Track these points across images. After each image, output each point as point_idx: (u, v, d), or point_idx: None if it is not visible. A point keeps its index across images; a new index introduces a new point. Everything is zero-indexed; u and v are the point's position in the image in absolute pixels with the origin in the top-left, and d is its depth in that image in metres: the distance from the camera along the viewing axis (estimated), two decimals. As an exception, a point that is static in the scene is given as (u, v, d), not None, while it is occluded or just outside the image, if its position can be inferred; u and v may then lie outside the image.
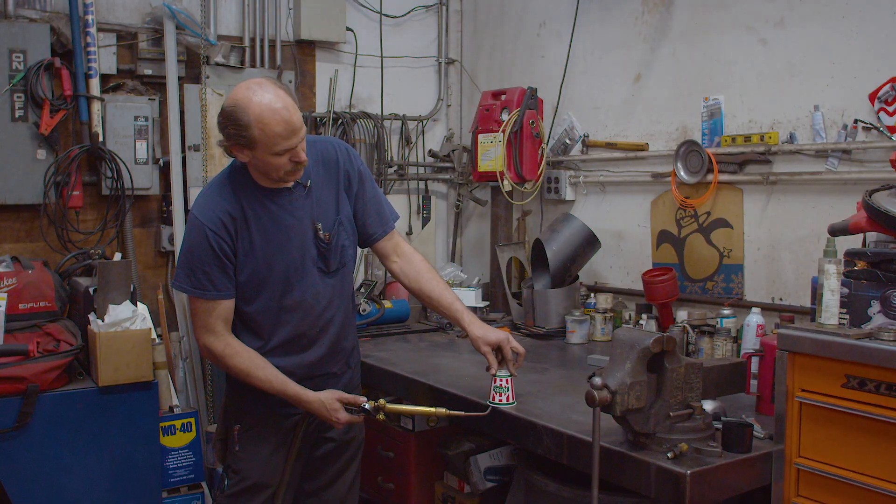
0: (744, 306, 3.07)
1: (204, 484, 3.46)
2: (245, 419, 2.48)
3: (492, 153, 3.85)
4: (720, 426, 2.15)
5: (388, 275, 4.10)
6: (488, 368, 2.46)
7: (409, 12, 4.52)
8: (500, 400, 2.47)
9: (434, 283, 2.57)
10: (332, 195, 2.46)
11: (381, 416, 2.34)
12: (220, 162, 3.79)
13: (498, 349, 2.44)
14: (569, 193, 3.95)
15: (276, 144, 2.19)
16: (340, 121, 4.21)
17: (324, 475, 2.59)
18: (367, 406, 2.33)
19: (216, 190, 2.37)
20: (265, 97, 2.17)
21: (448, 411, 2.36)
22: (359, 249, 4.33)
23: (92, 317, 3.07)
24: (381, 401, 2.34)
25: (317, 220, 2.41)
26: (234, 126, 2.19)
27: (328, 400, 2.34)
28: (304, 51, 4.22)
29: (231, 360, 2.35)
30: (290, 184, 2.37)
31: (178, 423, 3.37)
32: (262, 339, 2.41)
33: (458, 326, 2.52)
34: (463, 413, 2.41)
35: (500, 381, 2.46)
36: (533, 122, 3.81)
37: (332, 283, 2.47)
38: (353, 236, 2.52)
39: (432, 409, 2.37)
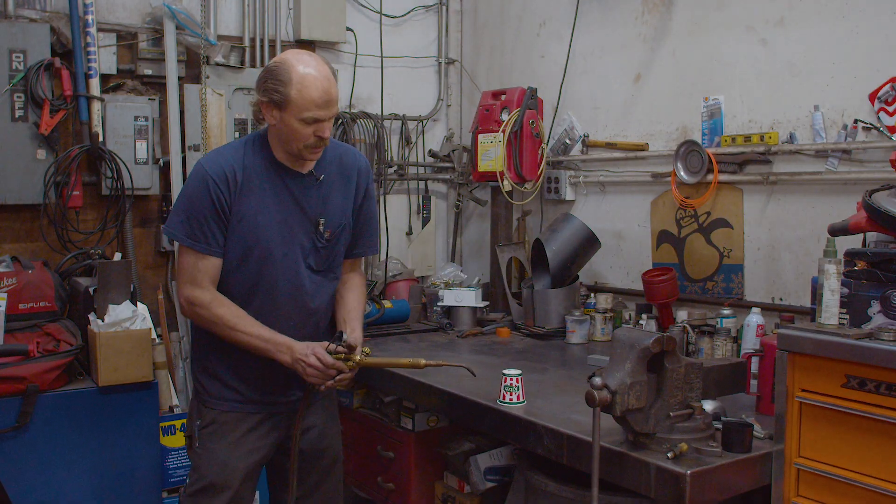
0: (744, 306, 3.07)
1: (204, 484, 3.46)
2: (205, 415, 2.44)
3: (492, 153, 3.85)
4: (720, 426, 2.15)
5: (388, 275, 4.14)
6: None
7: (409, 12, 4.52)
8: (511, 399, 2.48)
9: (352, 293, 2.55)
10: (340, 198, 2.46)
11: (353, 362, 2.30)
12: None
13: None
14: (569, 193, 3.95)
15: (307, 110, 2.22)
16: (340, 121, 4.21)
17: (300, 487, 2.53)
18: (345, 336, 2.30)
19: (231, 147, 2.37)
20: (311, 64, 2.25)
21: (426, 361, 2.33)
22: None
23: (92, 317, 3.07)
24: (366, 349, 2.33)
25: (320, 215, 2.40)
26: (273, 80, 2.23)
27: (312, 344, 2.29)
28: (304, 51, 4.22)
29: (218, 308, 2.30)
30: (304, 170, 2.37)
31: (178, 423, 3.37)
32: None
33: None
34: (444, 362, 2.38)
35: (511, 380, 2.48)
36: (533, 122, 3.81)
37: (317, 280, 2.44)
38: (346, 245, 2.52)
39: (409, 360, 2.36)
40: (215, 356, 2.43)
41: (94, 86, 3.57)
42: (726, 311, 3.03)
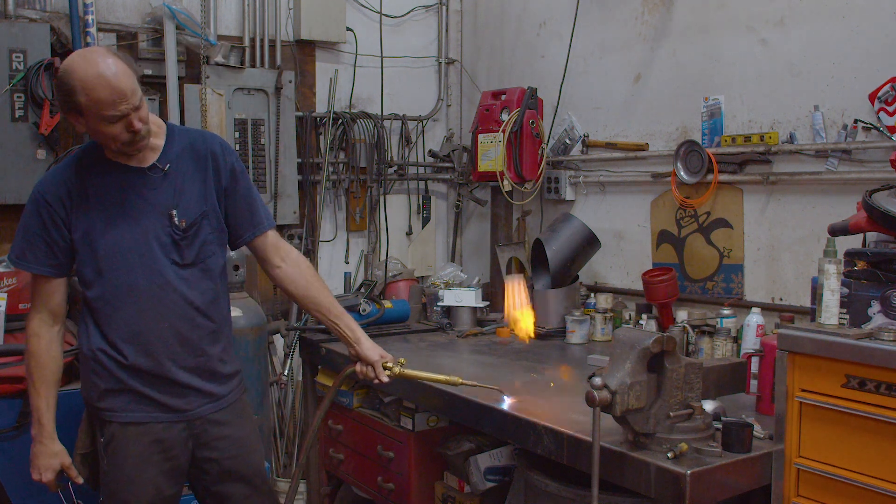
0: (744, 306, 3.07)
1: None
2: (106, 430, 2.32)
3: (492, 153, 3.85)
4: (720, 426, 2.15)
5: (388, 275, 4.13)
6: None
7: (409, 12, 4.52)
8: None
9: (325, 294, 2.51)
10: (197, 186, 2.35)
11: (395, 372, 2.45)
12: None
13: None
14: (569, 193, 3.95)
15: (103, 110, 2.12)
16: (340, 121, 4.22)
17: (237, 492, 2.46)
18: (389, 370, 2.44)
19: (63, 166, 2.32)
20: (92, 62, 2.12)
21: (462, 380, 2.44)
22: (362, 251, 4.39)
23: (92, 317, 3.07)
24: (402, 360, 2.42)
25: (172, 207, 2.30)
26: (61, 93, 2.16)
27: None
28: (304, 51, 4.22)
29: (29, 341, 2.33)
30: (146, 164, 2.29)
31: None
32: (103, 329, 2.29)
33: (342, 339, 2.50)
34: (476, 384, 2.47)
35: None
36: (533, 122, 3.81)
37: (188, 275, 2.33)
38: (219, 233, 2.40)
39: (446, 377, 2.45)
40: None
41: (94, 86, 3.57)
42: (726, 311, 3.03)
